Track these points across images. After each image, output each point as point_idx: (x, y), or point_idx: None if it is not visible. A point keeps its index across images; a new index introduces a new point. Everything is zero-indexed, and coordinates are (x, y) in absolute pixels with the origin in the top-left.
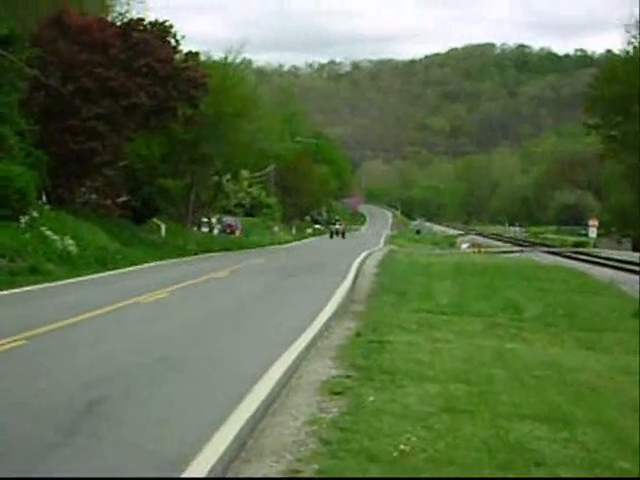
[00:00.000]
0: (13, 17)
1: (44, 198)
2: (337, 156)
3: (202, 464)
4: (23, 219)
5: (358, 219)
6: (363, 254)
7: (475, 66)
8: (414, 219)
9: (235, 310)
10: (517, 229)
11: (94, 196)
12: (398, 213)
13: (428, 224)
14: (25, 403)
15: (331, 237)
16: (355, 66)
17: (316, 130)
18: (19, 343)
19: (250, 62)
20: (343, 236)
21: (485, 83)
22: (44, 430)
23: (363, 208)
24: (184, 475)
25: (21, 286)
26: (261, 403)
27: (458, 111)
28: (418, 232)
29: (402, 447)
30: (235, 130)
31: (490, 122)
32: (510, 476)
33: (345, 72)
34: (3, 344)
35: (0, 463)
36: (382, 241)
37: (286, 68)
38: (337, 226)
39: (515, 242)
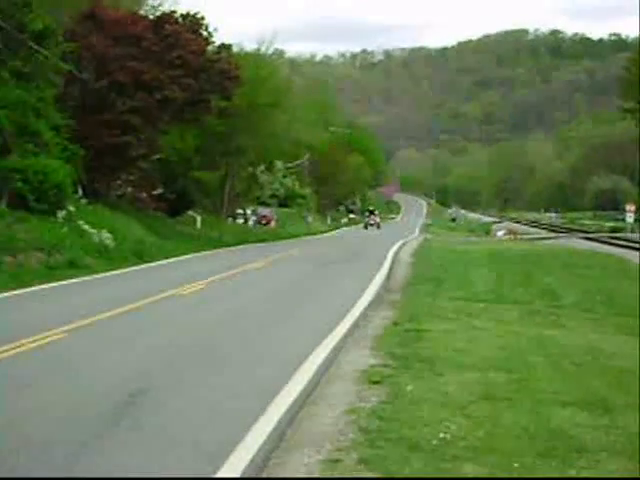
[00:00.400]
0: (47, 12)
1: (80, 192)
2: (371, 145)
3: (242, 454)
4: (60, 213)
5: (393, 208)
6: (398, 243)
7: (508, 52)
8: (449, 207)
9: (272, 301)
10: (553, 215)
11: (130, 189)
12: (433, 201)
13: (463, 212)
14: (67, 395)
15: (365, 228)
16: (387, 55)
17: (349, 120)
18: (59, 337)
19: (282, 53)
20: (378, 227)
21: (518, 69)
22: (87, 421)
23: (398, 197)
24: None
25: (59, 280)
26: (300, 393)
27: (492, 98)
28: (453, 220)
29: (442, 435)
30: (269, 121)
31: (524, 108)
32: (553, 464)
33: (378, 61)
34: (43, 337)
35: (45, 453)
36: (417, 230)
37: (318, 58)
38: (372, 217)
39: (551, 228)
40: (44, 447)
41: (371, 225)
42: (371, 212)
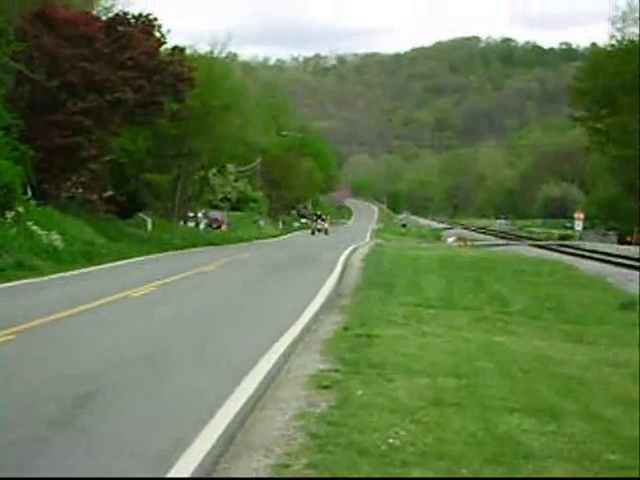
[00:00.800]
0: None
1: (29, 193)
2: (323, 150)
3: (190, 458)
4: (9, 214)
5: (344, 213)
6: (350, 248)
7: (461, 59)
8: (400, 213)
9: (222, 305)
10: (503, 222)
11: (80, 191)
12: (384, 207)
13: (414, 217)
14: (15, 398)
15: (312, 234)
16: (340, 60)
17: (302, 124)
18: (7, 338)
19: (236, 56)
20: (326, 233)
21: (471, 76)
22: (35, 424)
23: (349, 202)
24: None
25: (8, 281)
26: (249, 397)
27: (444, 105)
28: (404, 226)
29: (391, 441)
30: (222, 124)
31: (476, 115)
32: (499, 470)
33: (331, 66)
34: None
35: None
36: (368, 235)
37: (272, 62)
38: (320, 222)
39: (501, 235)
40: None
41: (319, 231)
42: (318, 217)
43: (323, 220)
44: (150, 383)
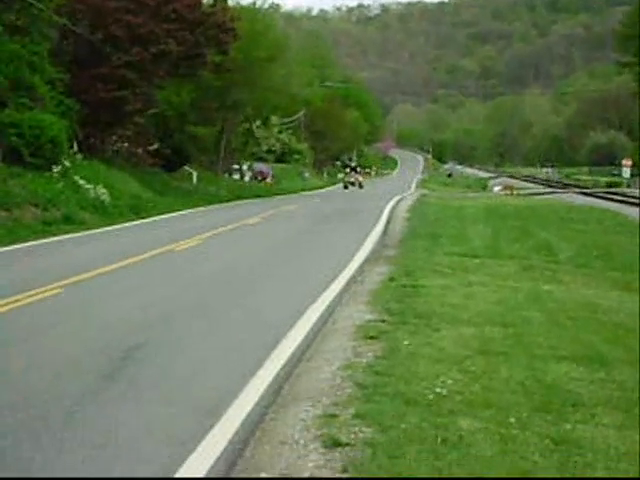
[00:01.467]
0: None
1: (75, 147)
2: (367, 100)
3: (238, 410)
4: (56, 168)
5: (389, 163)
6: (395, 198)
7: (505, 6)
8: (445, 162)
9: (268, 257)
10: (550, 170)
11: (125, 145)
12: (429, 157)
13: (460, 167)
14: (63, 350)
15: (345, 188)
16: (384, 9)
17: (346, 74)
18: (55, 292)
19: (278, 6)
20: (360, 186)
21: (515, 23)
22: (83, 376)
23: (394, 152)
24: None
25: (55, 235)
26: (296, 348)
27: (488, 52)
28: (450, 175)
29: (438, 390)
30: (265, 75)
31: (521, 62)
32: (548, 418)
33: (374, 15)
34: (39, 292)
35: (41, 408)
36: (414, 185)
37: (314, 12)
38: (353, 174)
39: (548, 183)
40: (40, 402)
41: (352, 184)
42: (352, 168)
43: (358, 172)
44: (197, 336)
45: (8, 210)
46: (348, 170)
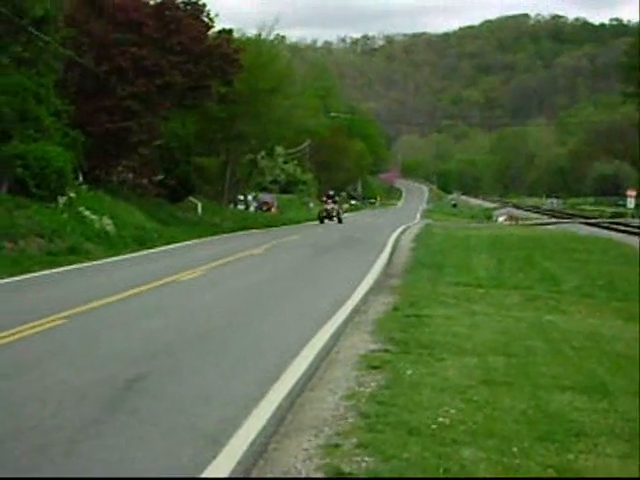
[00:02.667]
0: None
1: (81, 178)
2: (372, 131)
3: (241, 439)
4: (61, 199)
5: (394, 194)
6: (399, 229)
7: (509, 38)
8: (450, 193)
9: (273, 286)
10: (554, 201)
11: (130, 176)
12: (434, 187)
13: (464, 197)
14: (66, 381)
15: (321, 222)
16: (389, 40)
17: (351, 105)
18: (59, 322)
19: (283, 38)
20: (339, 220)
21: (520, 55)
22: (85, 407)
23: (399, 183)
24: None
25: (60, 266)
26: (299, 378)
27: (493, 83)
28: (454, 206)
29: (441, 420)
30: (270, 107)
31: (525, 94)
32: (551, 448)
33: (379, 46)
34: (43, 323)
35: (44, 437)
36: (418, 215)
37: (319, 44)
38: (329, 203)
39: (552, 214)
40: (43, 432)
41: (329, 217)
42: (329, 196)
43: (334, 201)
44: (199, 366)
45: (13, 241)
46: (325, 198)
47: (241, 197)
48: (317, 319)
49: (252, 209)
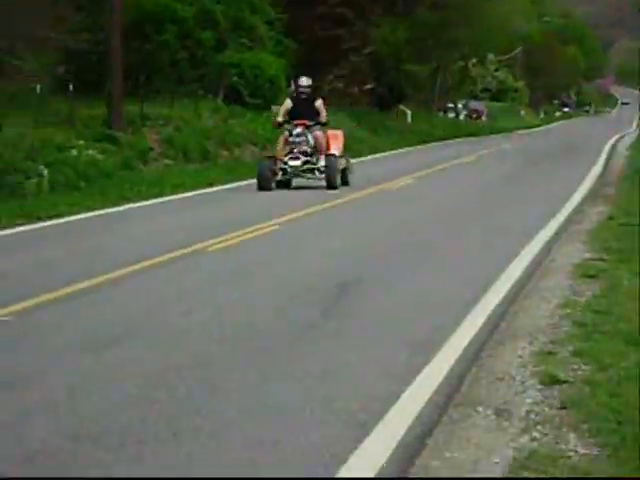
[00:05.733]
0: None
1: (292, 87)
2: (587, 35)
3: (453, 346)
4: (274, 108)
5: (609, 101)
6: (615, 136)
7: None
8: None
9: (488, 193)
10: None
11: (341, 85)
12: None
13: None
14: (282, 284)
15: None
16: None
17: (564, 9)
18: (273, 228)
19: None
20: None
21: None
22: (302, 310)
23: (614, 89)
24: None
25: None
26: (513, 286)
27: None
28: None
29: None
30: (483, 12)
31: None
32: None
33: None
34: (262, 227)
35: (264, 339)
36: (635, 124)
37: None
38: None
39: None
40: (262, 335)
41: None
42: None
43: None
44: (411, 272)
45: (228, 149)
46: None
47: (451, 105)
48: (530, 228)
49: (462, 117)
